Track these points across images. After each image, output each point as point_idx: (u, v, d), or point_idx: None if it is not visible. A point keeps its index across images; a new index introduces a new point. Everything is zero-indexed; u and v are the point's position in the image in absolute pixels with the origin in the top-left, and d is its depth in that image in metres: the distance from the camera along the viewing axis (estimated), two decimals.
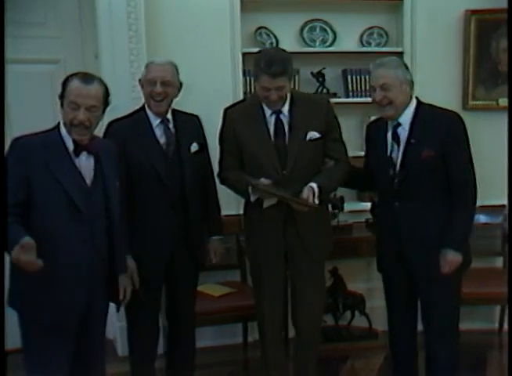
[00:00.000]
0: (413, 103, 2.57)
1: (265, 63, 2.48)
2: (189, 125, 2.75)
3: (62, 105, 2.15)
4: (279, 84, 2.50)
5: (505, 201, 3.55)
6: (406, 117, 2.55)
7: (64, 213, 2.11)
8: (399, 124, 2.56)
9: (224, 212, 3.00)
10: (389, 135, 2.58)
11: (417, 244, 2.54)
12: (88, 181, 2.19)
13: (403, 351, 2.76)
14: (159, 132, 2.67)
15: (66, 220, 2.12)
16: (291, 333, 2.94)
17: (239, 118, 2.68)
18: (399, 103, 2.51)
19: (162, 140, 2.66)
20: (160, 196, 2.62)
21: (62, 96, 2.15)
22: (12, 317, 2.21)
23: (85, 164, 2.19)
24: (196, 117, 2.83)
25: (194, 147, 2.72)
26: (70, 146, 2.16)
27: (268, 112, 2.64)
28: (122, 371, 2.98)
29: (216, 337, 3.54)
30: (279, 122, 2.63)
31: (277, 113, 2.63)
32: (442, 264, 2.49)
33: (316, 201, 2.51)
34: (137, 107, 2.77)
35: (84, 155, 2.18)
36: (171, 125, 2.69)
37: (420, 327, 2.73)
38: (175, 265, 2.70)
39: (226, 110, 2.75)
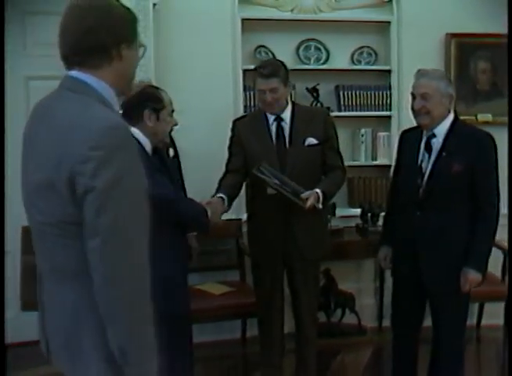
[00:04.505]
0: (451, 116, 2.54)
1: (259, 67, 2.78)
2: None
3: None
4: (271, 85, 2.71)
5: None
6: (442, 129, 2.52)
7: None
8: (434, 135, 2.53)
9: (224, 216, 3.19)
10: (422, 144, 2.57)
11: (432, 255, 2.51)
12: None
13: (406, 348, 2.75)
14: None
15: None
16: (286, 328, 3.03)
17: (244, 126, 2.90)
18: (437, 114, 2.49)
19: None
20: None
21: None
22: (11, 312, 2.26)
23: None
24: None
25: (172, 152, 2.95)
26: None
27: (270, 119, 2.81)
28: None
29: (216, 332, 3.63)
30: (280, 128, 2.81)
31: (278, 120, 2.80)
32: (463, 282, 2.47)
33: (320, 206, 2.68)
34: None
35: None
36: None
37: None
38: None
39: (235, 121, 2.98)
